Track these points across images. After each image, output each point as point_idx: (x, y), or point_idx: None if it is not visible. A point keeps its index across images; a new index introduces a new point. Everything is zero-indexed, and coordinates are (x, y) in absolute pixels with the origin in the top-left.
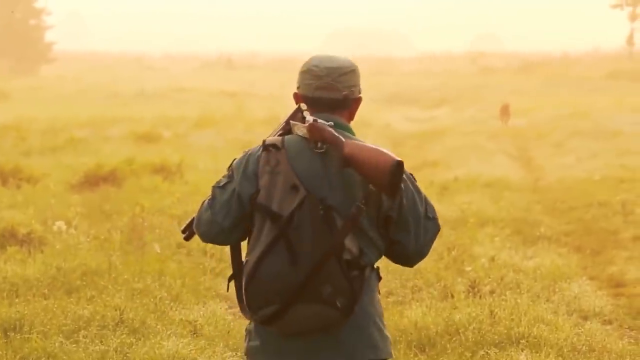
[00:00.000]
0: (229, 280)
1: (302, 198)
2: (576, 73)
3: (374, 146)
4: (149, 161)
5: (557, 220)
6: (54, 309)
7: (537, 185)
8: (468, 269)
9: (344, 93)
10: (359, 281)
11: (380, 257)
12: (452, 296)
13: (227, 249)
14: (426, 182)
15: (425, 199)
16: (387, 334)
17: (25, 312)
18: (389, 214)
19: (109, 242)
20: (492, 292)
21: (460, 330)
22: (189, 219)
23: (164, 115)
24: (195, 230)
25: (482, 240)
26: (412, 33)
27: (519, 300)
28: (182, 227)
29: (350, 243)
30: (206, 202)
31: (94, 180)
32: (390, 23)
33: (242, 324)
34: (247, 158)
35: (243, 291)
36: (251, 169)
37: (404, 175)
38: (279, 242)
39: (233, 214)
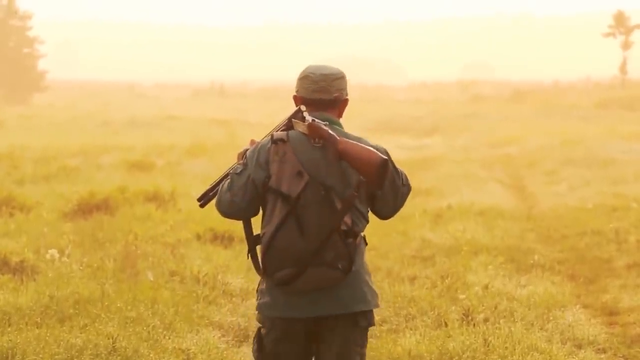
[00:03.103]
0: (249, 252)
1: (306, 182)
2: (567, 101)
3: (363, 145)
4: (142, 189)
5: (550, 248)
6: (47, 338)
7: (530, 213)
8: (462, 297)
9: (335, 95)
10: (353, 247)
11: (366, 225)
12: (446, 324)
13: (220, 276)
14: (419, 210)
15: (400, 171)
16: (375, 289)
17: (18, 341)
18: (375, 193)
19: (101, 270)
20: (486, 320)
21: (454, 359)
22: (205, 190)
23: (156, 144)
24: (217, 208)
25: (475, 269)
26: (404, 61)
27: (512, 329)
28: (199, 196)
29: (345, 217)
30: (225, 185)
31: (86, 208)
32: (382, 52)
33: (236, 352)
34: (259, 150)
35: (261, 257)
36: (263, 158)
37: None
38: (289, 217)
39: (249, 195)
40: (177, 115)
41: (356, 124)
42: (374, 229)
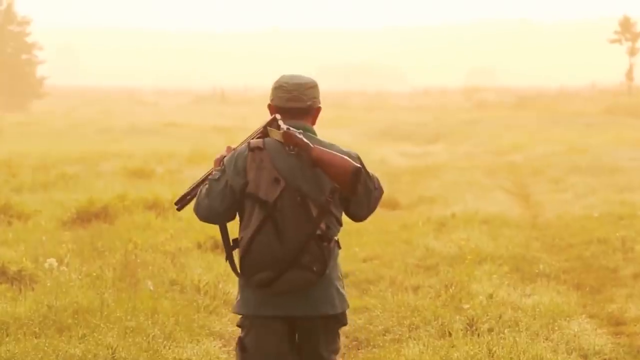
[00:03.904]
0: (226, 256)
1: (282, 188)
2: (573, 108)
3: (336, 152)
4: (141, 197)
5: (556, 257)
6: (45, 348)
7: (536, 221)
8: (466, 306)
9: (308, 103)
10: (328, 250)
11: (340, 229)
12: (450, 334)
13: (221, 285)
14: (423, 218)
15: (372, 175)
16: (344, 292)
17: (16, 351)
18: (349, 197)
19: (101, 280)
20: (490, 330)
21: None
22: (182, 194)
23: (156, 151)
24: (195, 212)
25: (480, 278)
26: (406, 68)
27: (517, 339)
28: (176, 200)
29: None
30: (204, 190)
31: (85, 216)
32: (384, 58)
33: None
34: (236, 157)
35: (239, 261)
36: (240, 165)
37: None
38: (267, 223)
39: (227, 201)
40: (178, 122)
41: (358, 130)
42: (377, 236)
